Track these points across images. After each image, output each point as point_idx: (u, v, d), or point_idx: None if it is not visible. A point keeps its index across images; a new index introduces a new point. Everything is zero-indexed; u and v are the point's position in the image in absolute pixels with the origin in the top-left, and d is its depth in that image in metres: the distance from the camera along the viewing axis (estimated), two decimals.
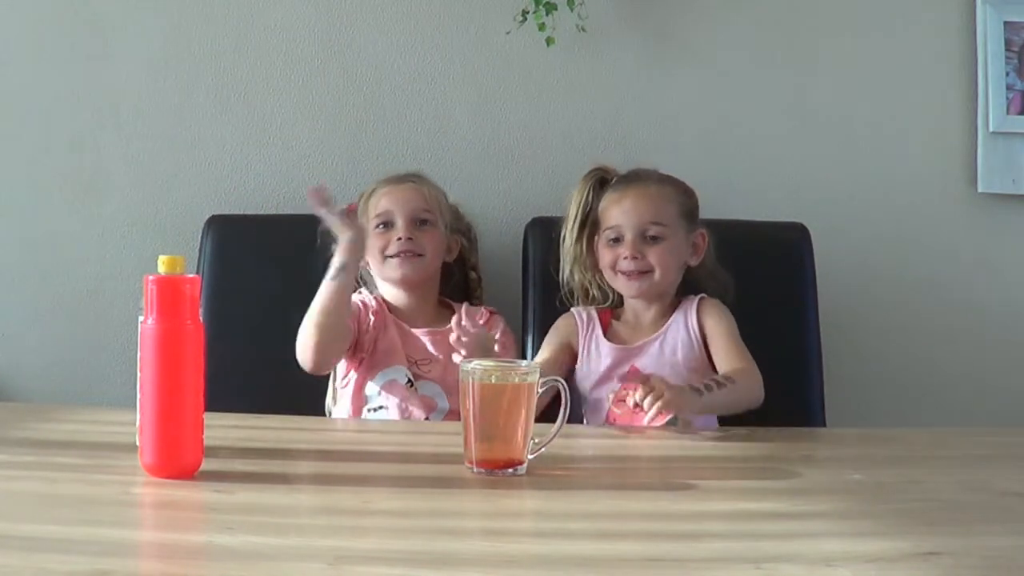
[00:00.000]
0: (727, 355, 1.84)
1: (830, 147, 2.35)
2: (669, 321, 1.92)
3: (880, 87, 2.34)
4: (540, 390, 1.37)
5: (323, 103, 2.31)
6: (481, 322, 1.99)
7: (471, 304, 2.08)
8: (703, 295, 1.94)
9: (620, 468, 1.41)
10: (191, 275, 1.26)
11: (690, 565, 1.02)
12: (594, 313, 1.96)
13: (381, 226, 1.98)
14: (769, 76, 2.33)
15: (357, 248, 1.87)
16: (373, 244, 1.98)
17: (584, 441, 1.65)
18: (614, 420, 1.83)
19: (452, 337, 1.65)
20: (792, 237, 2.17)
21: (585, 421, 1.89)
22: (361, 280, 2.08)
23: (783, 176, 2.33)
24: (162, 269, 1.25)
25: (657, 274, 1.88)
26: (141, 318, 1.25)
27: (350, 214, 1.88)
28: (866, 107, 2.34)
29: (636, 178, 1.95)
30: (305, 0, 2.30)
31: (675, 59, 2.33)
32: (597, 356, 1.91)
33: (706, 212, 2.05)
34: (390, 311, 2.02)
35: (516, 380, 1.34)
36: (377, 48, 2.31)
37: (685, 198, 1.95)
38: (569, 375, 1.93)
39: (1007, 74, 2.32)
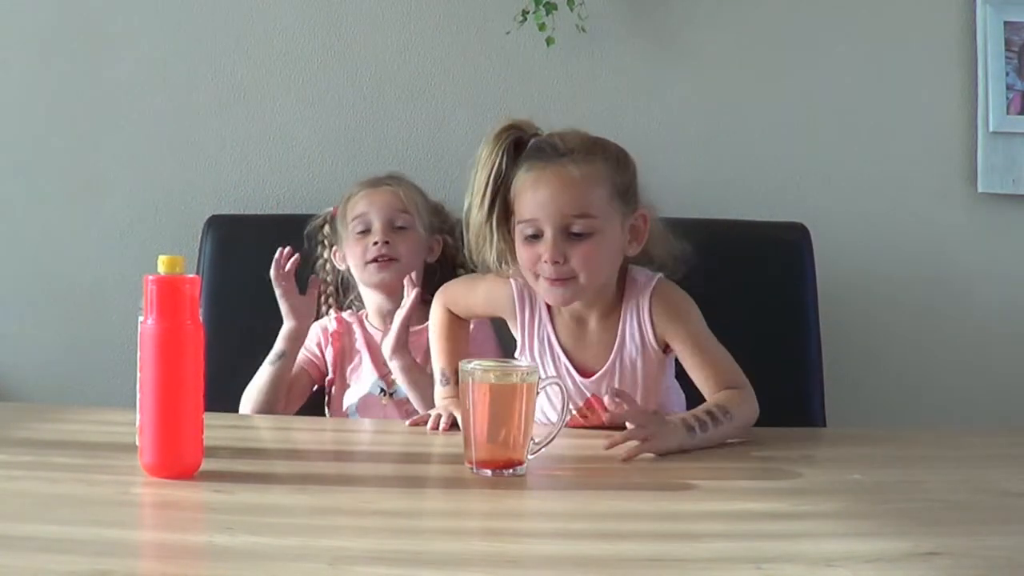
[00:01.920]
0: (704, 365, 1.59)
1: (830, 147, 2.34)
2: (619, 334, 1.62)
3: (880, 87, 2.34)
4: (540, 390, 1.37)
5: (323, 103, 2.31)
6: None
7: None
8: (656, 281, 1.63)
9: (620, 468, 1.41)
10: (191, 275, 1.26)
11: (690, 565, 1.02)
12: (540, 300, 1.62)
13: (359, 231, 1.98)
14: (769, 76, 2.33)
15: (297, 339, 1.90)
16: (353, 250, 1.98)
17: (584, 441, 1.65)
18: (575, 425, 1.63)
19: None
20: (792, 237, 2.17)
21: None
22: (341, 286, 2.07)
23: (783, 176, 2.33)
24: (162, 269, 1.25)
25: (583, 278, 1.54)
26: (141, 318, 1.25)
27: (309, 290, 1.91)
28: (866, 107, 2.34)
29: (554, 152, 1.56)
30: (305, 0, 2.30)
31: (675, 59, 2.33)
32: (551, 367, 1.63)
33: (706, 212, 2.05)
34: (368, 319, 2.02)
35: (516, 380, 1.35)
36: (377, 48, 2.31)
37: (618, 173, 1.58)
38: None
39: (1007, 74, 2.32)
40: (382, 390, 1.93)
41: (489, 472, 1.31)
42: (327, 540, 1.06)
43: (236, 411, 1.88)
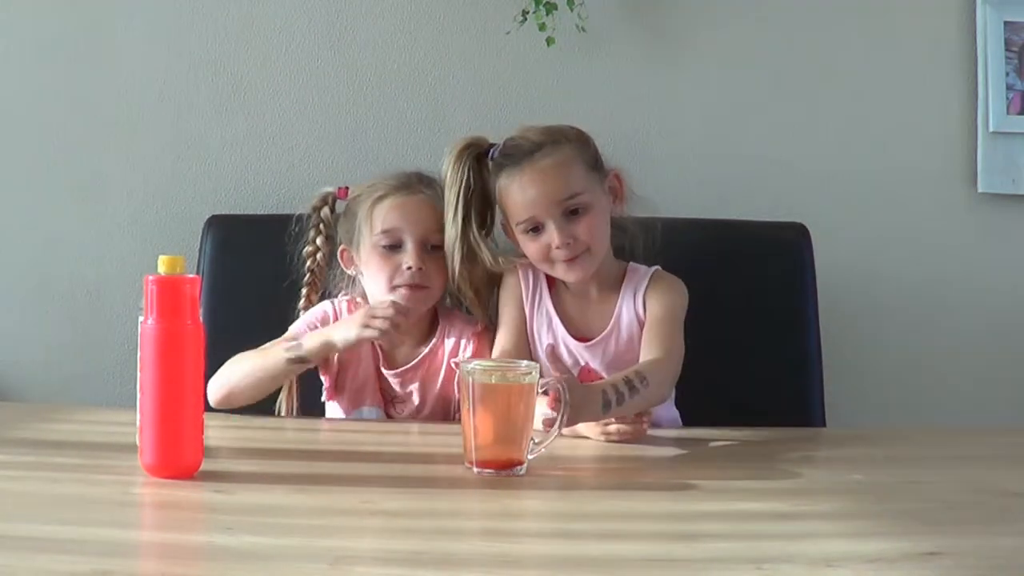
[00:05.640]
0: (653, 339, 1.68)
1: (830, 147, 2.34)
2: (618, 307, 1.74)
3: (880, 87, 2.34)
4: (540, 391, 1.37)
5: (323, 103, 2.31)
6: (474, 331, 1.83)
7: (462, 312, 1.88)
8: (656, 269, 1.78)
9: (620, 468, 1.41)
10: (191, 275, 1.27)
11: (690, 565, 1.02)
12: (542, 277, 1.76)
13: (386, 245, 1.77)
14: (769, 76, 2.33)
15: (328, 356, 1.74)
16: (377, 265, 1.77)
17: (584, 441, 1.65)
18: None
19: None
20: (792, 237, 2.17)
21: None
22: (333, 283, 1.92)
23: (783, 176, 2.33)
24: (162, 269, 1.25)
25: (594, 248, 1.69)
26: (141, 318, 1.25)
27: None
28: (866, 107, 2.34)
29: (523, 153, 1.71)
30: (305, 0, 2.30)
31: (675, 59, 2.32)
32: (549, 335, 1.75)
33: (706, 212, 2.05)
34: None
35: (516, 380, 1.35)
36: (377, 48, 2.31)
37: (582, 149, 1.75)
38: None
39: (1007, 74, 2.32)
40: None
41: (489, 472, 1.31)
42: (327, 540, 1.06)
43: (236, 411, 1.87)
